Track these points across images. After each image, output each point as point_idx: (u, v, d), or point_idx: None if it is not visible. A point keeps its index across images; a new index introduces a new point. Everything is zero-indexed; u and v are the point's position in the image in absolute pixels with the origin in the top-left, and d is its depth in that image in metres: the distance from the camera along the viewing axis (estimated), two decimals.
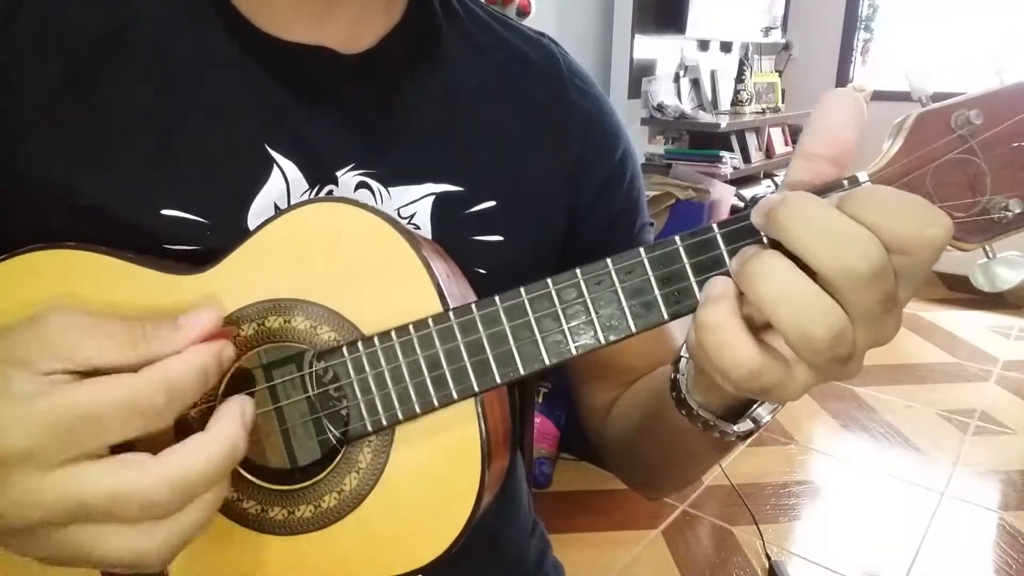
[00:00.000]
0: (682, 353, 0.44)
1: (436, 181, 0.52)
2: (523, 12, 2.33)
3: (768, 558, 1.82)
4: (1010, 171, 0.35)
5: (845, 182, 0.36)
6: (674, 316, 0.37)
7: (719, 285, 0.35)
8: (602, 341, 0.37)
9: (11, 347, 0.34)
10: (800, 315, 0.32)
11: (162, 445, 0.34)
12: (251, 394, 0.44)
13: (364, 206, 0.42)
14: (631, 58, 2.92)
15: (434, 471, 0.41)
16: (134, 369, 0.34)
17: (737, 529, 1.95)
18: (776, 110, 3.63)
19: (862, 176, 0.36)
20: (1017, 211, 0.35)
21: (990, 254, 0.36)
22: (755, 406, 0.43)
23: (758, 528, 1.91)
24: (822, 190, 0.35)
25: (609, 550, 1.86)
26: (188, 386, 0.34)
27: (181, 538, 0.34)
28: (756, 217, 0.34)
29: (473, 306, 0.38)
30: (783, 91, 3.79)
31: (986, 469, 2.23)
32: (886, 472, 2.23)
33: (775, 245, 0.33)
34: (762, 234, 0.35)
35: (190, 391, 0.35)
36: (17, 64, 0.47)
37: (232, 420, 0.35)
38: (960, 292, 3.76)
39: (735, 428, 0.43)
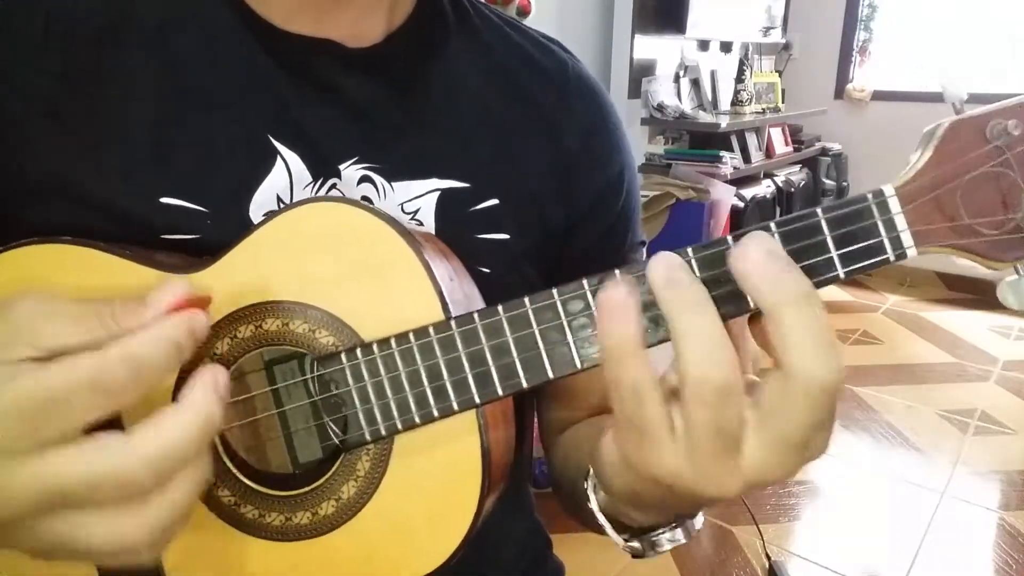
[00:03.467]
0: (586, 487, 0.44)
1: (441, 177, 0.52)
2: (523, 12, 2.33)
3: (768, 558, 1.81)
4: None
5: (869, 195, 0.34)
6: None
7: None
8: None
9: None
10: (704, 355, 0.32)
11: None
12: (252, 397, 0.44)
13: (365, 207, 0.41)
14: (631, 58, 2.92)
15: (433, 483, 0.40)
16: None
17: (737, 529, 1.95)
18: (776, 110, 3.63)
19: (888, 190, 0.34)
20: None
21: (1021, 272, 0.34)
22: (660, 532, 0.43)
23: (758, 528, 1.91)
24: (842, 204, 0.34)
25: (609, 550, 1.84)
26: (156, 359, 0.33)
27: (165, 521, 0.33)
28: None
29: (475, 315, 0.37)
30: (783, 91, 3.78)
31: (986, 469, 2.23)
32: (886, 472, 2.22)
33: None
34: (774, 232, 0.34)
35: (158, 364, 0.33)
36: (18, 56, 0.47)
37: (204, 389, 0.34)
38: (960, 292, 3.75)
39: (623, 542, 0.44)
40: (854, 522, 2.02)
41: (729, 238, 0.34)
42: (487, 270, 0.52)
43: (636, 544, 0.44)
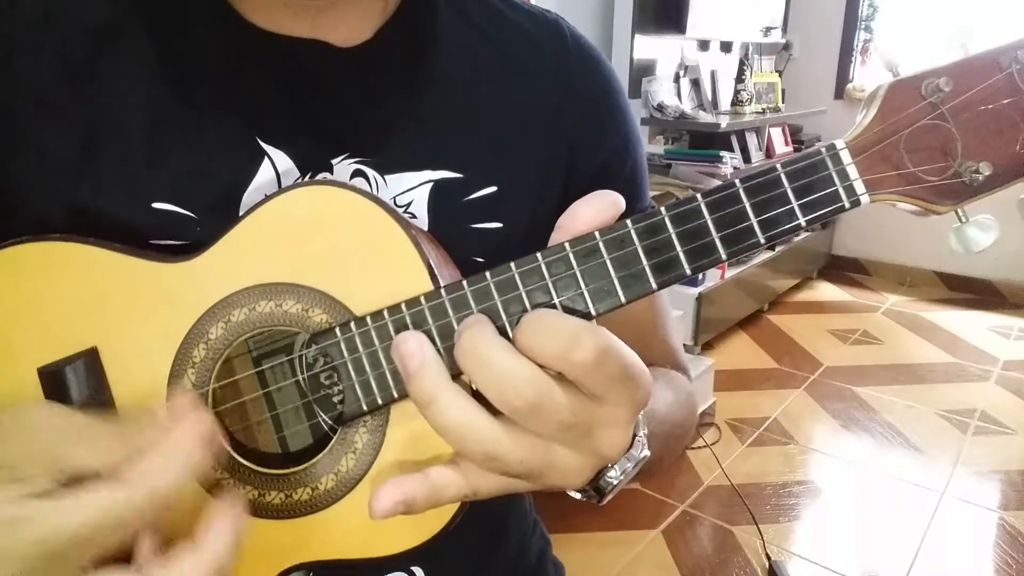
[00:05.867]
0: None
1: (434, 168, 0.52)
2: None
3: (768, 558, 1.82)
4: (979, 135, 0.36)
5: (823, 149, 0.37)
6: (662, 285, 0.37)
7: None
8: (593, 313, 0.37)
9: None
10: (458, 440, 0.34)
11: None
12: (237, 381, 0.45)
13: (352, 188, 0.42)
14: (631, 58, 2.93)
15: (430, 448, 0.41)
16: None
17: (737, 529, 1.95)
18: (776, 110, 3.63)
19: (839, 144, 0.37)
20: (987, 174, 0.36)
21: (962, 218, 0.37)
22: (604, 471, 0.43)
23: (758, 528, 1.91)
24: (799, 159, 0.37)
25: (609, 550, 1.87)
26: (174, 487, 0.34)
27: None
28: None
29: (464, 282, 0.38)
30: (783, 91, 3.79)
31: (986, 469, 2.23)
32: (886, 472, 2.23)
33: None
34: (745, 204, 0.37)
35: (176, 492, 0.34)
36: (18, 44, 0.47)
37: (223, 535, 0.35)
38: (960, 292, 3.76)
39: (575, 493, 0.44)
40: (854, 522, 2.02)
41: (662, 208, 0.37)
42: (482, 259, 0.52)
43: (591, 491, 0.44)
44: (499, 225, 0.54)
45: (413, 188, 0.52)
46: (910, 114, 0.37)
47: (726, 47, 3.60)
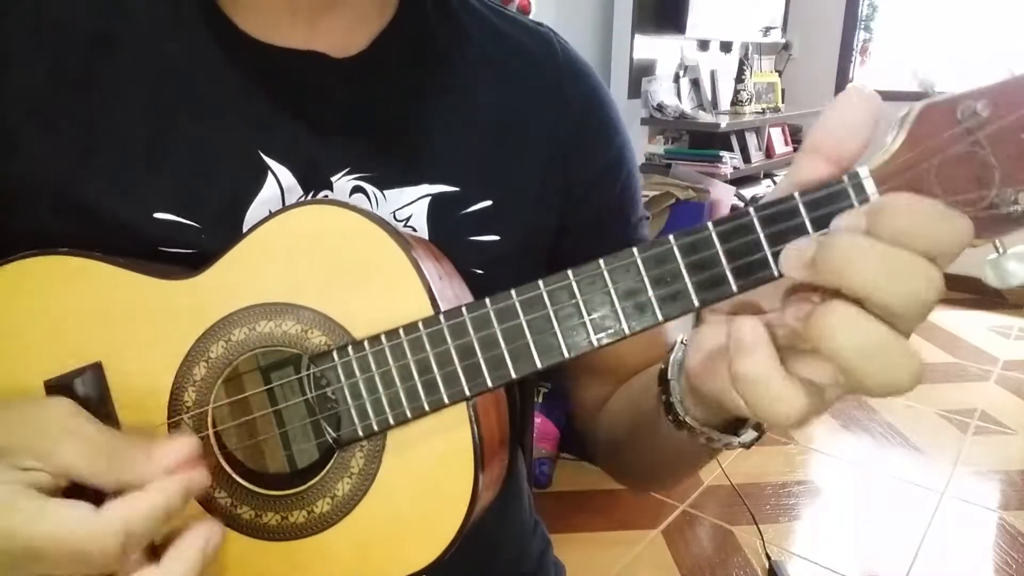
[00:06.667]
0: (668, 376, 0.43)
1: (432, 182, 0.52)
2: (522, 12, 2.34)
3: (768, 558, 1.82)
4: (1019, 163, 0.33)
5: (845, 177, 0.34)
6: (668, 318, 0.35)
7: (747, 331, 0.33)
8: (595, 344, 0.36)
9: (2, 425, 0.35)
10: (889, 368, 0.31)
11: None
12: (246, 399, 0.45)
13: (354, 208, 0.42)
14: (631, 58, 2.92)
15: (427, 476, 0.41)
16: (102, 490, 0.35)
17: (737, 529, 1.95)
18: (776, 110, 3.63)
19: (863, 172, 0.34)
20: None
21: (1000, 249, 0.35)
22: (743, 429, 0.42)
23: (758, 528, 1.91)
24: (819, 188, 0.34)
25: (609, 550, 1.86)
26: (146, 530, 0.35)
27: None
28: (796, 269, 0.33)
29: (463, 309, 0.38)
30: (783, 91, 3.79)
31: (986, 469, 2.23)
32: (886, 472, 2.23)
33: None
34: (760, 234, 0.34)
35: (147, 535, 0.35)
36: (10, 58, 0.47)
37: (191, 552, 0.36)
38: (960, 292, 3.75)
39: (740, 439, 0.42)
40: (854, 522, 2.02)
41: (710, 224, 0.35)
42: (481, 271, 0.52)
43: (748, 435, 0.42)
44: (496, 237, 0.54)
45: (412, 203, 0.52)
46: (943, 141, 0.34)
47: (726, 47, 3.59)
